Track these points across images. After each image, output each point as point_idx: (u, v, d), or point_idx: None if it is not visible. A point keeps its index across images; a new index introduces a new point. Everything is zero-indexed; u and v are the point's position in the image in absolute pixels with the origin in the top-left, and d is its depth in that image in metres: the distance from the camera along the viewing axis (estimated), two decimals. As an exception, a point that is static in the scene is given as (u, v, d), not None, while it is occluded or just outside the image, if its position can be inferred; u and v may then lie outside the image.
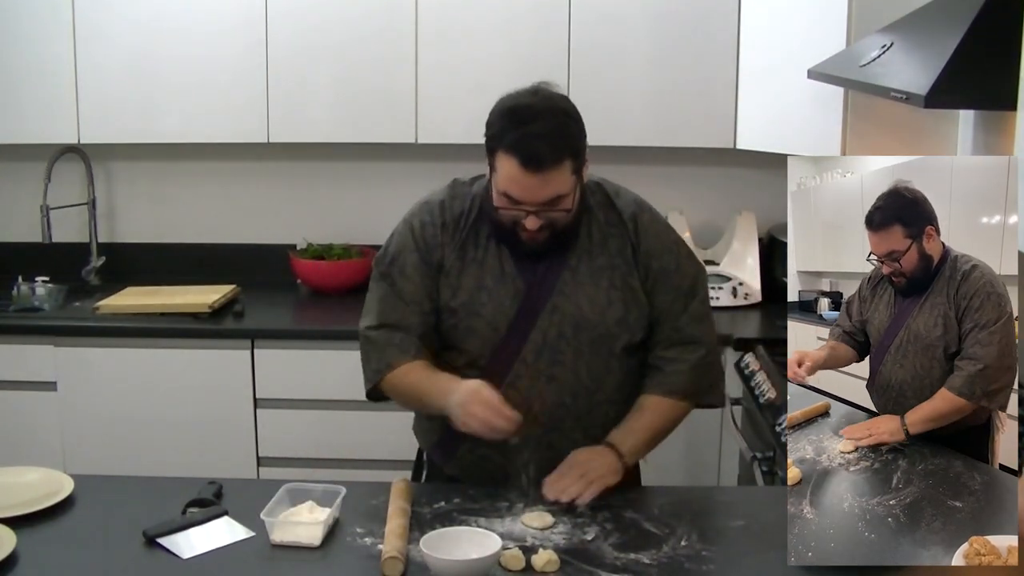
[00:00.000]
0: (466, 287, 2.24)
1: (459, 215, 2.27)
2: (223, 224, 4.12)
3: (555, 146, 2.08)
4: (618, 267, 2.25)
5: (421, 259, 2.26)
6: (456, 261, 2.25)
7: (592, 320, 2.23)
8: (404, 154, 3.96)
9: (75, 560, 1.94)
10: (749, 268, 3.78)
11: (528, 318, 2.23)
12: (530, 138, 2.07)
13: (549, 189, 2.11)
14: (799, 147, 3.10)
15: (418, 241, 2.27)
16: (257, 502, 2.03)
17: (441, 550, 1.86)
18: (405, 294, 2.26)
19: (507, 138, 2.09)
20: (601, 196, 2.30)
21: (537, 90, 2.16)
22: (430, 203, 2.31)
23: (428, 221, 2.28)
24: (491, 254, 2.25)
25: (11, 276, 3.87)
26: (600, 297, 2.24)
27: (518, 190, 2.11)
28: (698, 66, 3.64)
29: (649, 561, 1.92)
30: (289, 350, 3.54)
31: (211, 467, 2.93)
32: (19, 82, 3.71)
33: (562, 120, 2.12)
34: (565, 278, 2.23)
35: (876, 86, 2.45)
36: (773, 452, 2.74)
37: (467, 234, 2.26)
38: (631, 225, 2.27)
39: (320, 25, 3.66)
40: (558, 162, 2.09)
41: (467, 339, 2.26)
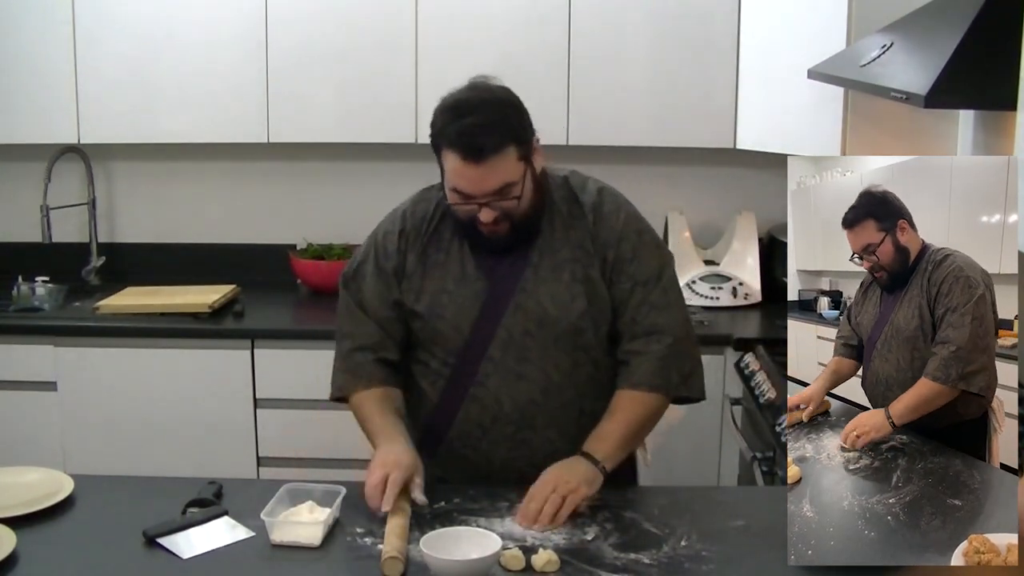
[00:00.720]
0: (428, 290, 2.26)
1: (421, 220, 2.30)
2: (223, 224, 4.12)
3: (494, 134, 2.10)
4: (579, 259, 2.24)
5: (377, 267, 2.31)
6: (418, 266, 2.28)
7: (555, 316, 2.23)
8: (404, 154, 3.95)
9: (75, 560, 1.94)
10: (749, 268, 3.78)
11: (492, 317, 2.23)
12: (469, 129, 2.09)
13: (495, 178, 2.12)
14: (799, 147, 3.10)
15: (378, 249, 2.32)
16: (257, 502, 2.03)
17: (441, 550, 1.86)
18: (363, 302, 2.32)
19: (447, 133, 2.12)
20: (566, 191, 2.29)
21: (474, 85, 2.20)
22: (395, 212, 2.36)
23: (390, 230, 2.33)
24: (453, 257, 2.26)
25: (11, 276, 3.87)
26: (562, 292, 2.23)
27: (465, 183, 2.13)
28: (698, 66, 3.64)
29: (649, 561, 1.92)
30: (289, 350, 3.53)
31: (211, 467, 2.93)
32: (19, 82, 3.72)
33: (500, 108, 2.14)
34: (527, 275, 2.24)
35: (876, 86, 2.46)
36: (773, 452, 2.74)
37: (429, 238, 2.28)
38: (591, 216, 2.26)
39: (320, 25, 3.66)
40: (499, 149, 2.10)
41: (435, 341, 2.27)
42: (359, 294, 2.33)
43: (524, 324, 2.23)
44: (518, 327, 2.23)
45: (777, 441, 2.69)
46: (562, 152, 2.49)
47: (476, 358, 2.24)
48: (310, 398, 3.53)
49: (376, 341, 2.30)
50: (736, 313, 3.70)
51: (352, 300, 2.34)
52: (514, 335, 2.23)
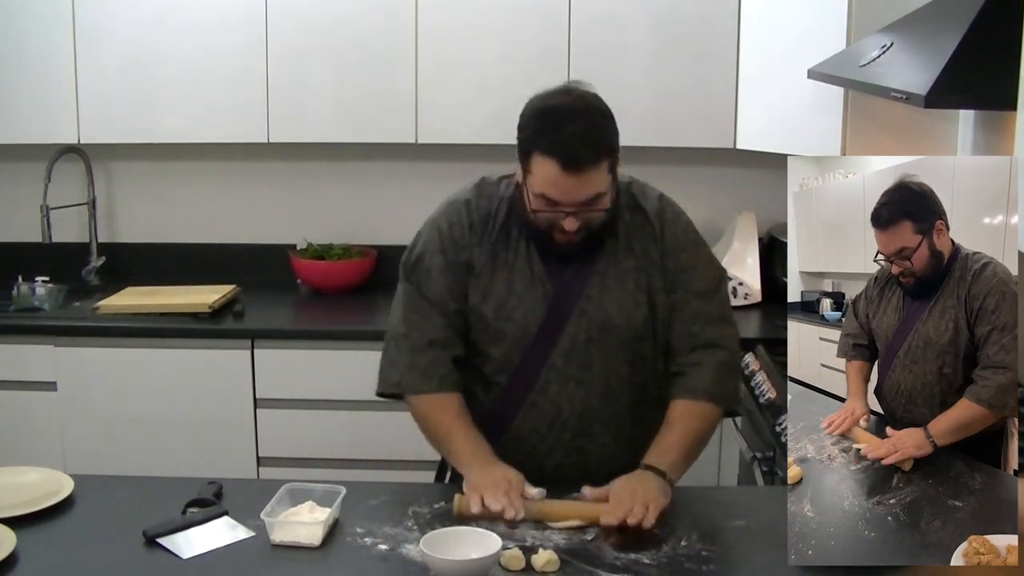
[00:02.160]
0: (496, 291, 2.23)
1: (486, 215, 2.25)
2: (223, 224, 4.12)
3: (593, 146, 2.07)
4: (643, 268, 2.24)
5: (446, 260, 2.24)
6: (487, 264, 2.24)
7: (619, 324, 2.22)
8: (404, 154, 3.96)
9: (75, 560, 1.94)
10: (749, 268, 3.78)
11: (556, 322, 2.21)
12: (568, 139, 2.05)
13: (588, 189, 2.09)
14: (799, 147, 3.10)
15: (444, 241, 2.25)
16: (257, 502, 2.03)
17: (441, 550, 1.86)
18: (430, 295, 2.25)
19: (543, 140, 2.07)
20: (627, 197, 2.27)
21: (569, 89, 2.15)
22: (456, 203, 2.28)
23: (456, 221, 2.26)
24: (521, 257, 2.23)
25: (11, 276, 3.87)
26: (627, 300, 2.22)
27: (557, 192, 2.09)
28: (698, 66, 3.64)
29: (649, 561, 1.92)
30: (289, 350, 3.53)
31: (211, 467, 2.93)
32: (19, 82, 3.72)
33: (597, 119, 2.11)
34: (593, 282, 2.22)
35: (876, 86, 2.45)
36: (773, 452, 2.74)
37: (497, 236, 2.24)
38: (657, 224, 2.25)
39: (320, 25, 3.66)
40: (597, 161, 2.08)
41: (496, 343, 2.24)
42: (426, 287, 2.25)
43: (588, 331, 2.21)
44: (582, 334, 2.22)
45: (777, 441, 2.69)
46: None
47: (538, 363, 2.22)
48: (310, 398, 3.53)
49: (446, 336, 2.24)
50: (736, 313, 3.66)
51: (417, 292, 2.26)
52: (577, 342, 2.22)
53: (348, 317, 3.73)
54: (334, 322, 3.68)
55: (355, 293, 3.89)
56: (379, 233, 4.00)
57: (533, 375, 2.23)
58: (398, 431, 2.44)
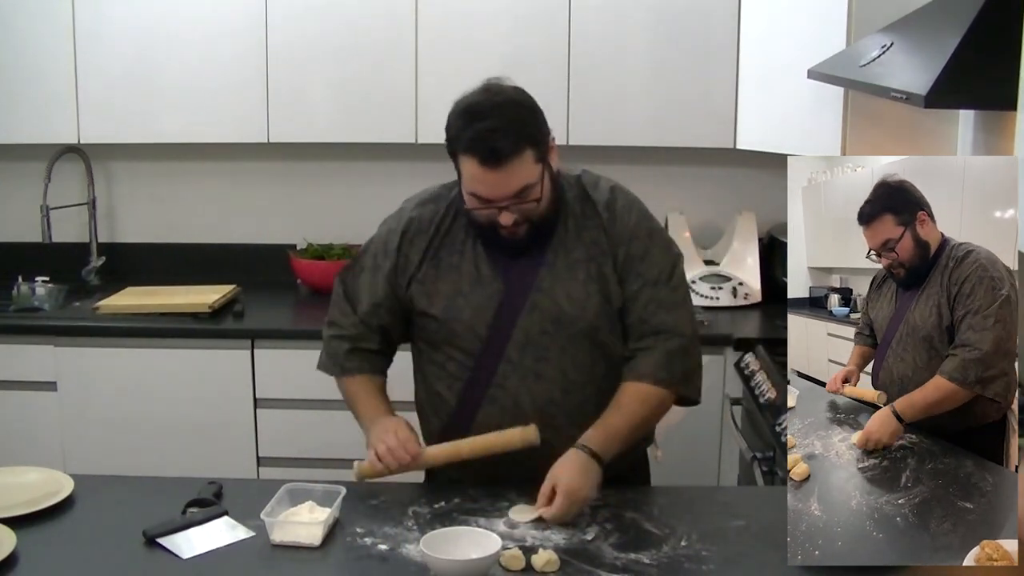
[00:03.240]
0: (443, 293, 2.26)
1: (429, 221, 2.29)
2: (223, 224, 4.12)
3: (512, 138, 2.09)
4: (594, 258, 2.24)
5: (373, 264, 2.33)
6: (430, 268, 2.27)
7: (572, 314, 2.23)
8: (404, 154, 3.95)
9: (75, 560, 1.94)
10: (749, 268, 3.78)
11: (509, 318, 2.23)
12: (485, 134, 2.08)
13: (514, 182, 2.11)
14: (799, 147, 3.10)
15: (377, 246, 2.34)
16: (257, 502, 2.03)
17: (441, 550, 1.86)
18: (349, 294, 2.37)
19: (463, 138, 2.10)
20: (578, 189, 2.29)
21: (487, 87, 2.18)
22: (402, 210, 2.36)
23: (393, 228, 2.33)
24: (467, 258, 2.26)
25: (11, 276, 3.87)
26: (578, 291, 2.23)
27: (484, 188, 2.12)
28: (698, 66, 3.64)
29: (649, 561, 1.92)
30: (289, 350, 3.53)
31: (211, 467, 2.93)
32: (19, 82, 3.72)
33: (515, 111, 2.13)
34: (542, 274, 2.23)
35: (876, 86, 2.46)
36: (773, 452, 2.74)
37: (441, 240, 2.28)
38: (605, 214, 2.26)
39: (320, 25, 3.66)
40: (517, 153, 2.09)
41: (450, 342, 2.27)
42: (349, 286, 2.38)
43: (541, 324, 2.23)
44: (535, 327, 2.23)
45: (777, 441, 2.69)
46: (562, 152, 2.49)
47: (494, 359, 2.24)
48: (310, 398, 3.53)
49: (356, 334, 2.35)
50: (736, 313, 3.70)
51: (340, 291, 2.39)
52: (531, 335, 2.23)
53: (348, 317, 3.72)
54: (334, 322, 3.68)
55: (355, 293, 3.89)
56: (379, 233, 4.00)
57: (490, 370, 2.24)
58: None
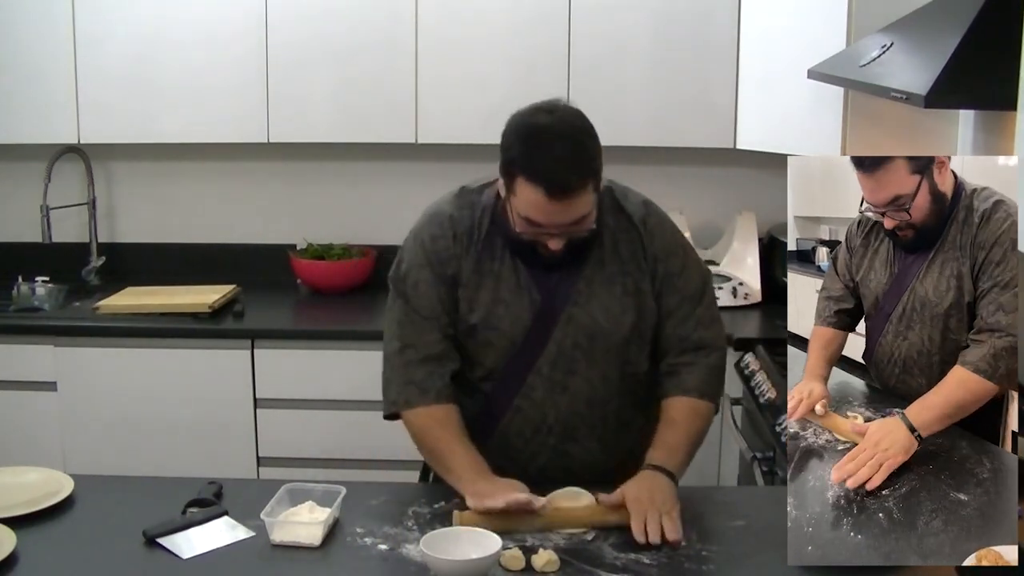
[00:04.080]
0: (483, 301, 2.22)
1: (470, 227, 2.23)
2: (223, 224, 4.12)
3: (579, 171, 2.04)
4: (630, 273, 2.23)
5: (433, 273, 2.22)
6: (472, 275, 2.22)
7: (607, 329, 2.21)
8: (404, 154, 3.96)
9: (75, 560, 1.94)
10: (749, 268, 3.78)
11: (543, 329, 2.21)
12: (553, 164, 2.01)
13: (574, 212, 2.07)
14: (799, 147, 3.10)
15: (429, 255, 2.23)
16: (257, 502, 2.03)
17: (441, 550, 1.86)
18: (422, 310, 2.22)
19: (528, 165, 2.03)
20: (610, 200, 2.26)
21: (553, 108, 2.09)
22: (439, 215, 2.25)
23: (439, 234, 2.23)
24: (507, 266, 2.22)
25: (11, 276, 3.87)
26: (614, 305, 2.22)
27: (542, 216, 2.07)
28: (698, 66, 3.63)
29: (649, 561, 1.92)
30: (289, 350, 3.53)
31: (211, 467, 2.93)
32: (19, 82, 3.71)
33: (582, 141, 2.06)
34: (579, 288, 2.21)
35: (876, 86, 2.46)
36: (773, 452, 2.74)
37: (482, 246, 2.22)
38: (641, 228, 2.24)
39: (320, 25, 3.66)
40: (582, 187, 2.04)
41: (484, 352, 2.24)
42: (416, 301, 2.23)
43: (575, 337, 2.21)
44: (568, 340, 2.21)
45: (777, 441, 2.69)
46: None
47: (524, 370, 2.22)
48: (310, 398, 3.53)
49: (441, 350, 2.22)
50: (736, 313, 3.70)
51: (409, 306, 2.23)
52: (563, 348, 2.21)
53: (348, 317, 3.73)
54: (334, 322, 3.68)
55: (355, 293, 3.89)
56: (379, 233, 4.00)
57: (519, 381, 2.23)
58: (398, 431, 2.43)
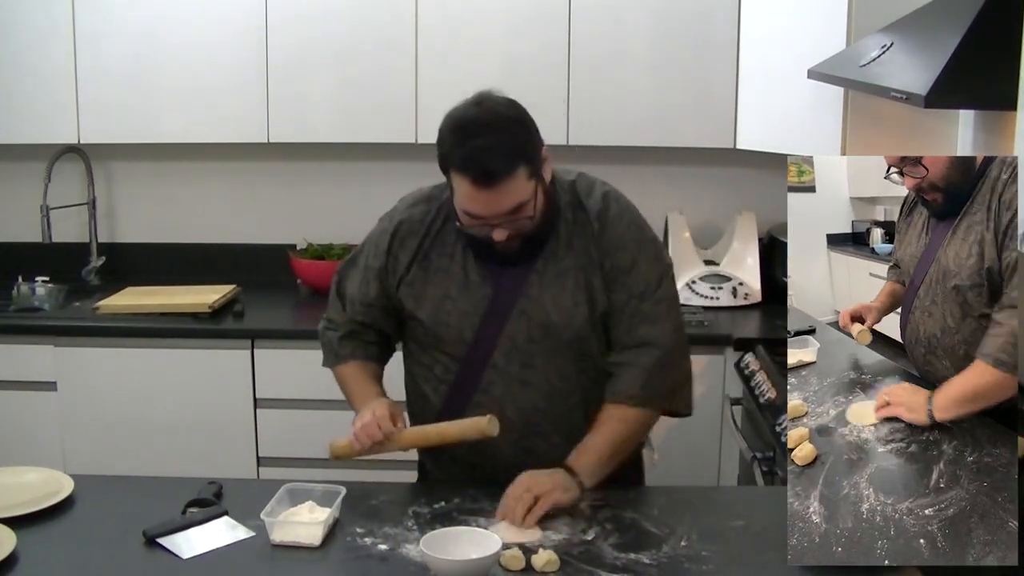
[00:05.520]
0: (431, 297, 2.25)
1: (419, 223, 2.28)
2: (223, 224, 4.12)
3: (505, 157, 2.05)
4: (584, 267, 2.22)
5: (365, 263, 2.35)
6: (419, 271, 2.26)
7: (559, 323, 2.21)
8: (404, 154, 3.95)
9: (75, 560, 1.94)
10: (749, 268, 3.78)
11: (496, 324, 2.22)
12: (478, 153, 2.03)
13: (508, 200, 2.08)
14: (799, 147, 3.10)
15: (369, 246, 2.36)
16: (257, 502, 2.03)
17: (441, 550, 1.86)
18: (342, 292, 2.41)
19: (456, 156, 2.06)
20: (571, 196, 2.26)
21: (481, 100, 2.11)
22: (393, 210, 2.37)
23: (385, 228, 2.33)
24: (456, 262, 2.24)
25: (11, 276, 3.87)
26: (566, 299, 2.21)
27: (477, 207, 2.09)
28: (698, 66, 3.64)
29: (649, 561, 1.92)
30: (289, 350, 3.53)
31: (211, 467, 2.93)
32: (19, 82, 3.72)
33: (508, 128, 2.08)
34: (531, 281, 2.22)
35: (876, 86, 2.45)
36: (773, 452, 2.74)
37: (431, 243, 2.27)
38: (596, 224, 2.23)
39: (320, 25, 3.66)
40: (510, 173, 2.05)
41: (437, 346, 2.27)
42: (343, 284, 2.41)
43: (528, 331, 2.22)
44: (522, 334, 2.22)
45: (777, 441, 2.69)
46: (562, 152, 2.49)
47: (480, 365, 2.24)
48: (310, 398, 3.53)
49: (348, 331, 2.39)
50: (736, 313, 3.70)
51: (335, 288, 2.43)
52: (517, 342, 2.22)
53: (348, 317, 3.73)
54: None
55: (355, 293, 3.89)
56: (379, 233, 4.00)
57: (476, 376, 2.24)
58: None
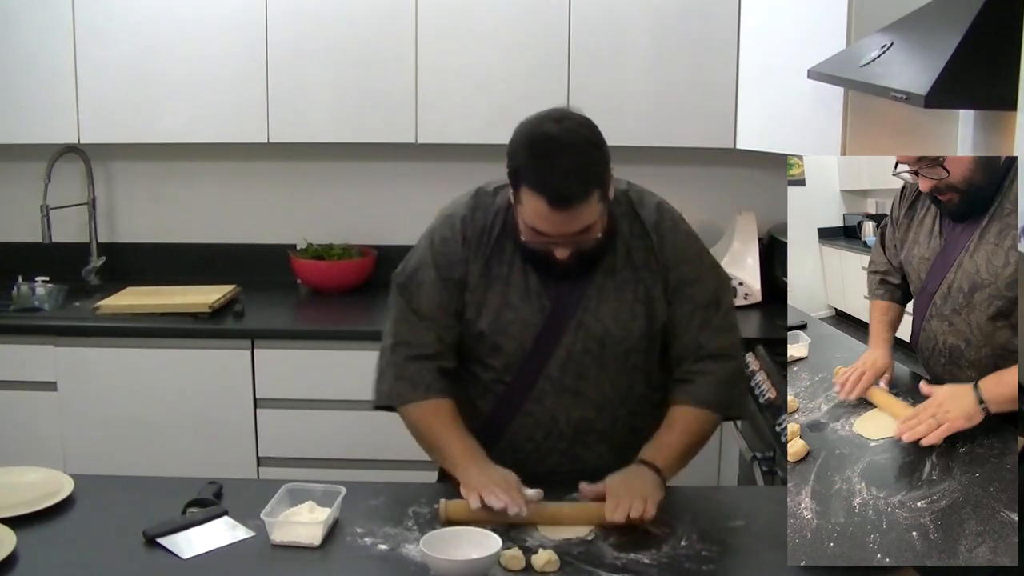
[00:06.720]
0: (492, 305, 2.22)
1: (481, 230, 2.23)
2: (223, 224, 4.12)
3: (583, 182, 2.03)
4: (642, 279, 2.22)
5: (438, 275, 2.24)
6: (481, 279, 2.22)
7: (617, 335, 2.21)
8: (404, 154, 3.96)
9: (75, 560, 1.94)
10: (749, 268, 3.78)
11: (554, 334, 2.21)
12: (557, 175, 2.01)
13: (578, 223, 2.07)
14: (799, 147, 3.10)
15: (437, 257, 2.24)
16: (257, 502, 2.03)
17: (441, 550, 1.86)
18: (421, 310, 2.25)
19: (532, 174, 2.03)
20: (625, 206, 2.25)
21: (560, 117, 2.07)
22: (452, 217, 2.27)
23: (449, 237, 2.24)
24: (516, 270, 2.22)
25: (11, 276, 3.87)
26: (624, 312, 2.21)
27: (546, 226, 2.07)
28: (698, 66, 3.63)
29: (649, 561, 1.92)
30: (289, 350, 3.53)
31: (211, 467, 2.93)
32: (19, 82, 3.71)
33: (588, 152, 2.05)
34: (590, 293, 2.21)
35: (876, 86, 2.45)
36: (773, 452, 2.74)
37: (491, 250, 2.22)
38: (655, 235, 2.23)
39: (320, 25, 3.66)
40: (586, 198, 2.03)
41: (493, 355, 2.24)
42: (417, 301, 2.25)
43: (585, 343, 2.21)
44: (578, 346, 2.21)
45: (777, 441, 2.69)
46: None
47: (534, 375, 2.23)
48: (310, 398, 3.53)
49: (436, 351, 2.24)
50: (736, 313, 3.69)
51: (408, 307, 2.26)
52: (573, 354, 2.21)
53: (348, 317, 3.73)
54: (334, 322, 3.68)
55: (355, 293, 3.89)
56: (379, 233, 4.01)
57: (529, 386, 2.23)
58: (398, 431, 2.44)
